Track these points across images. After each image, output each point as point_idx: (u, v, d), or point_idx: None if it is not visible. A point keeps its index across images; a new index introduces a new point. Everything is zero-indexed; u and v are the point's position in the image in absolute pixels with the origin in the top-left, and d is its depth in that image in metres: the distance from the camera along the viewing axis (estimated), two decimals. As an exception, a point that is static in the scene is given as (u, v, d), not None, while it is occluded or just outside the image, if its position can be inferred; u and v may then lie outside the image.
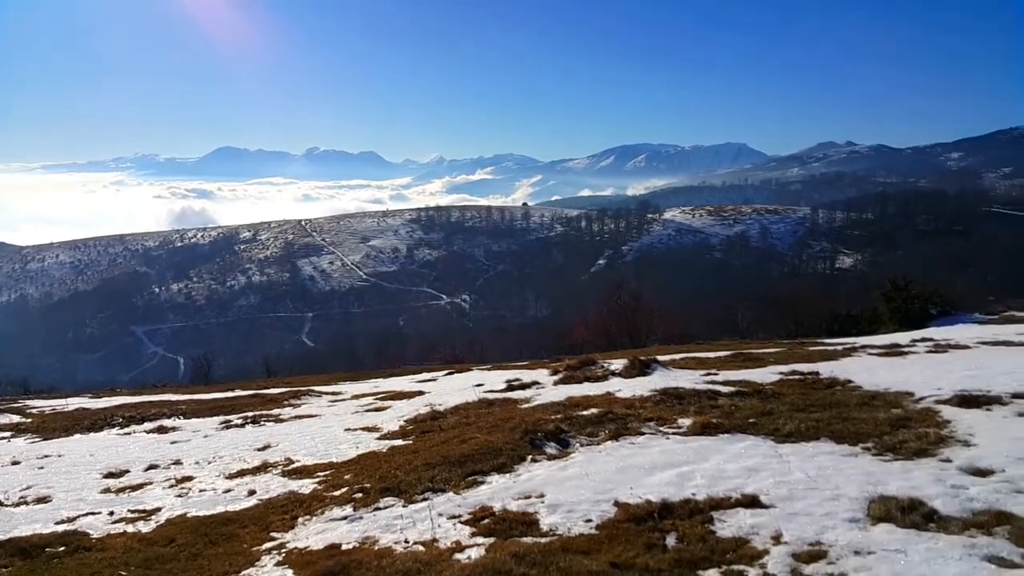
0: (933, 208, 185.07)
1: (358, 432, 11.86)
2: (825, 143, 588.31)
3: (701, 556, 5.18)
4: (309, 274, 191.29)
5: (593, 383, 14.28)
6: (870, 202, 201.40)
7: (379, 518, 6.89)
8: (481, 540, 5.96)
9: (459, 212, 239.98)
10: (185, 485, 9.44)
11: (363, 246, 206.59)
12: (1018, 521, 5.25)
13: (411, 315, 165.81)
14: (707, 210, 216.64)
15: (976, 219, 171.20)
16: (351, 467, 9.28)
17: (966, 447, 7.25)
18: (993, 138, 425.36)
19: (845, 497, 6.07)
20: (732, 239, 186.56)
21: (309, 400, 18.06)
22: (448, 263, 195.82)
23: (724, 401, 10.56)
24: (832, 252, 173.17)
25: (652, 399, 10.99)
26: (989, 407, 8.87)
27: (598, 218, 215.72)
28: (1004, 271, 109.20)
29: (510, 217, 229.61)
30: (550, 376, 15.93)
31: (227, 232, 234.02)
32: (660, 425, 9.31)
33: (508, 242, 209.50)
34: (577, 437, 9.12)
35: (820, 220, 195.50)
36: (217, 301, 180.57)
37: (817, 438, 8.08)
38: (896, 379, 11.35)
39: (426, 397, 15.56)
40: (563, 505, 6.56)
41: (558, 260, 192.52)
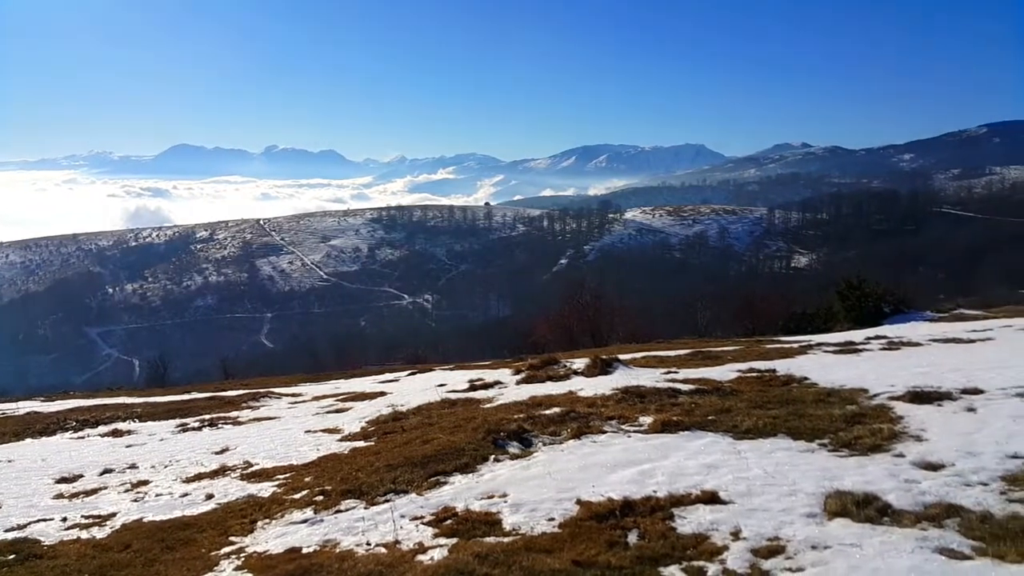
0: (885, 208, 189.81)
1: (319, 434, 11.74)
2: (781, 144, 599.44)
3: (662, 553, 5.23)
4: (268, 274, 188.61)
5: (555, 382, 14.33)
6: (825, 202, 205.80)
7: (340, 521, 6.83)
8: (444, 541, 5.94)
9: (421, 211, 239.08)
10: (141, 489, 9.25)
11: (324, 246, 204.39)
12: (967, 513, 5.42)
13: (373, 315, 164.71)
14: (667, 210, 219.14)
15: (927, 219, 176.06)
16: (311, 469, 9.18)
17: (918, 442, 7.44)
18: (943, 140, 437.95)
19: (802, 492, 6.19)
20: (691, 239, 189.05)
21: (268, 402, 17.82)
22: (410, 263, 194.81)
23: (684, 399, 10.68)
24: (788, 252, 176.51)
25: (614, 397, 11.07)
26: (940, 403, 9.11)
27: (560, 218, 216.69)
28: (953, 270, 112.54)
29: (472, 217, 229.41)
30: (513, 375, 15.94)
31: (183, 231, 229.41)
32: (622, 423, 9.38)
33: (470, 242, 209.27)
34: (540, 436, 9.14)
35: (776, 220, 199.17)
36: (173, 302, 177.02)
37: (774, 435, 8.22)
38: (851, 376, 11.60)
39: (388, 398, 15.47)
40: (526, 504, 6.58)
41: (520, 259, 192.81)
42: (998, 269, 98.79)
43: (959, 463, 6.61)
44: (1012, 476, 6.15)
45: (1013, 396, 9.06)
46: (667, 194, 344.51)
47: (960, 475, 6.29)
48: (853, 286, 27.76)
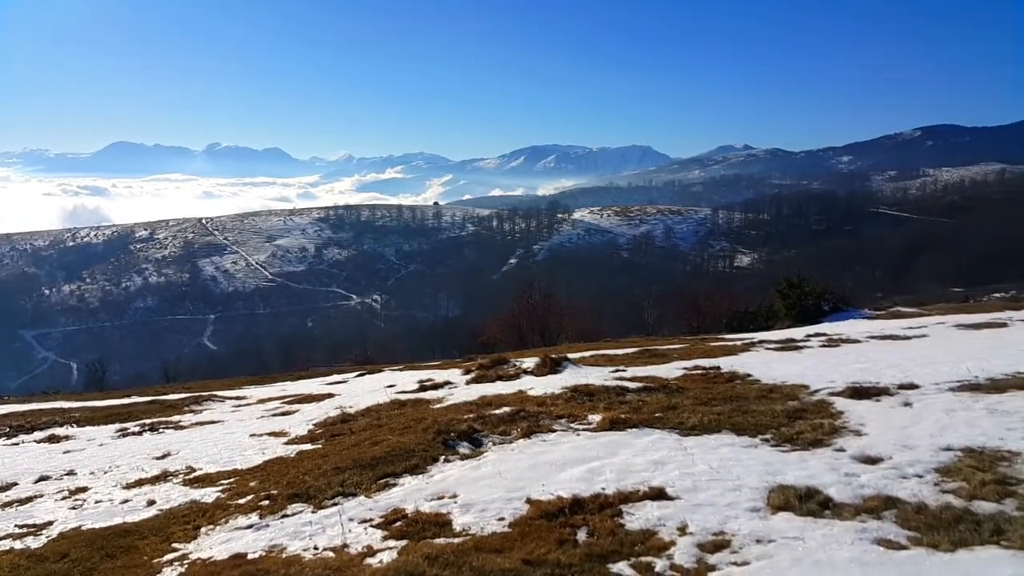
0: (825, 209, 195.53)
1: (264, 437, 11.52)
2: (724, 146, 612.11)
3: (611, 549, 5.28)
4: (211, 274, 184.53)
5: (505, 382, 14.36)
6: (766, 203, 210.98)
7: (287, 525, 6.71)
8: (393, 543, 5.89)
9: (369, 211, 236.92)
10: (79, 497, 8.93)
11: (269, 245, 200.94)
12: (904, 505, 5.60)
13: (320, 316, 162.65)
14: (614, 210, 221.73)
15: (864, 219, 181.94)
16: (257, 474, 9.00)
17: (858, 436, 7.67)
18: (879, 143, 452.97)
19: (746, 487, 6.31)
20: (638, 239, 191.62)
21: (211, 405, 17.42)
22: (358, 263, 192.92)
23: (632, 397, 10.81)
24: (731, 251, 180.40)
25: (563, 396, 11.13)
26: (878, 398, 9.40)
27: (509, 218, 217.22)
28: (889, 269, 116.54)
29: (421, 216, 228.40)
30: (463, 375, 15.92)
31: (122, 231, 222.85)
32: (571, 422, 9.43)
33: (420, 241, 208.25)
34: (490, 436, 9.14)
35: (720, 220, 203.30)
36: (112, 303, 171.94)
37: (719, 431, 8.37)
38: (792, 372, 11.90)
39: (336, 399, 15.28)
40: (476, 504, 6.56)
41: (470, 259, 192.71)
42: (931, 268, 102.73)
43: (896, 456, 6.83)
44: (945, 468, 6.38)
45: (946, 391, 9.41)
46: (615, 194, 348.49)
47: (897, 468, 6.50)
48: (793, 285, 28.47)
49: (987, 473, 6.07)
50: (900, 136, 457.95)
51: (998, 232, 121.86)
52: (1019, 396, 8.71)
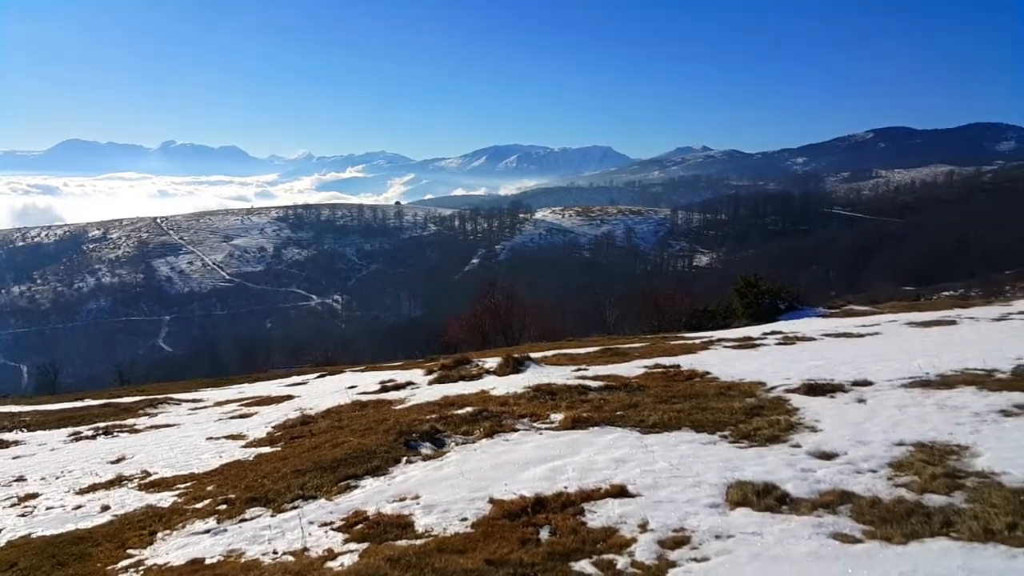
0: (780, 209, 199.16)
1: (221, 441, 11.33)
2: (683, 148, 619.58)
3: (573, 548, 5.30)
4: (166, 275, 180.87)
5: (468, 382, 14.34)
6: (724, 204, 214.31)
7: (245, 530, 6.61)
8: (355, 546, 5.84)
9: (330, 210, 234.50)
10: (29, 503, 8.67)
11: (226, 245, 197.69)
12: (858, 499, 5.73)
13: (279, 317, 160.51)
14: (576, 210, 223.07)
15: (819, 219, 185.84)
16: (214, 478, 8.84)
17: (813, 432, 7.82)
18: (833, 145, 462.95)
19: (706, 484, 6.40)
20: (599, 239, 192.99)
21: (167, 408, 17.08)
22: (318, 262, 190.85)
23: (594, 395, 10.87)
24: (690, 251, 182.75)
25: (526, 396, 11.15)
26: (833, 395, 9.61)
27: (471, 217, 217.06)
28: (843, 268, 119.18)
29: (383, 216, 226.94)
30: (425, 376, 15.86)
31: (74, 230, 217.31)
32: (534, 421, 9.46)
33: (381, 241, 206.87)
34: (452, 436, 9.11)
35: (679, 221, 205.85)
36: (64, 305, 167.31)
37: (679, 428, 8.47)
38: (750, 370, 12.09)
39: (296, 401, 15.10)
40: (439, 505, 6.54)
41: (432, 259, 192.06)
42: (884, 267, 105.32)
43: (851, 451, 6.98)
44: (898, 462, 6.54)
45: (898, 387, 9.64)
46: (576, 195, 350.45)
47: (852, 463, 6.65)
48: (751, 284, 28.93)
49: (937, 467, 6.24)
50: (853, 138, 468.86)
51: (947, 232, 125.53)
52: (967, 392, 8.96)
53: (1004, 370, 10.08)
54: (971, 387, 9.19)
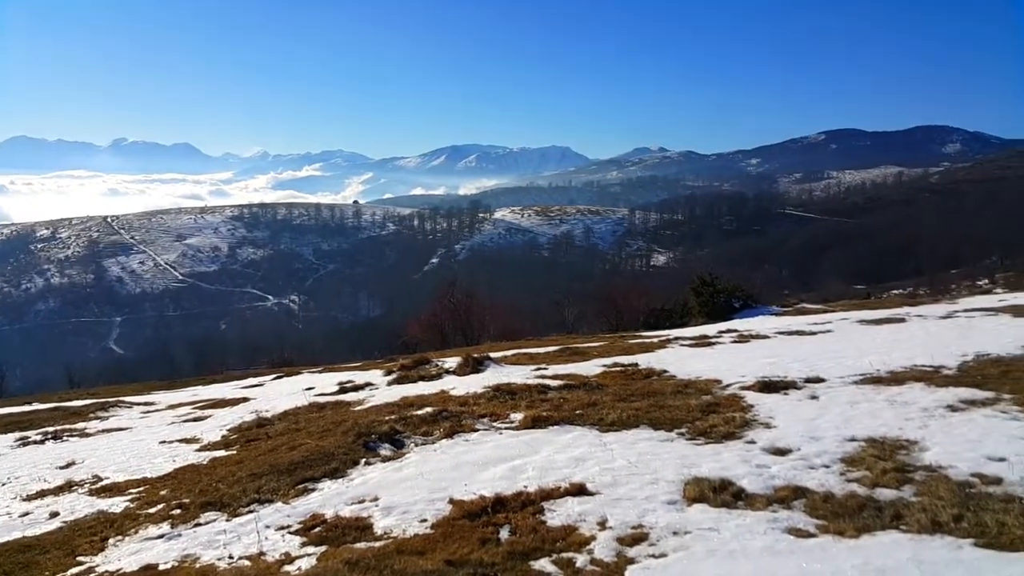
0: (735, 210, 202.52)
1: (175, 444, 11.08)
2: (640, 148, 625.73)
3: (533, 547, 5.31)
4: (117, 275, 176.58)
5: (428, 382, 14.28)
6: (680, 204, 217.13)
7: (200, 534, 6.48)
8: (312, 549, 5.77)
9: (286, 209, 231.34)
10: (-29, 513, 8.37)
11: (179, 244, 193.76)
12: (812, 494, 5.85)
13: (234, 317, 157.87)
14: (535, 210, 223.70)
15: (772, 219, 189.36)
16: (168, 482, 8.65)
17: (768, 429, 7.96)
18: (786, 146, 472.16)
19: (663, 481, 6.46)
20: (558, 238, 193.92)
21: (119, 412, 16.67)
22: (274, 262, 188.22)
23: (553, 394, 10.91)
24: (648, 250, 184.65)
25: (486, 395, 11.15)
26: (786, 391, 9.80)
27: (431, 217, 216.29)
28: (796, 267, 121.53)
29: (341, 215, 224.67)
30: (384, 376, 15.73)
31: (22, 230, 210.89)
32: (493, 421, 9.46)
33: (339, 241, 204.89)
34: (412, 437, 9.06)
35: (637, 221, 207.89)
36: (11, 306, 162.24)
37: (637, 426, 8.55)
38: (706, 368, 12.27)
39: (252, 404, 14.85)
40: (398, 507, 6.49)
41: (391, 259, 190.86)
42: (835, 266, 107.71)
43: (804, 447, 7.12)
44: (850, 458, 6.70)
45: (850, 384, 9.88)
46: (535, 194, 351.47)
47: (805, 459, 6.79)
48: (706, 283, 29.33)
49: (888, 462, 6.40)
50: (805, 140, 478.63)
51: (896, 232, 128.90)
52: (916, 388, 9.22)
53: (951, 366, 10.40)
54: (920, 383, 9.45)
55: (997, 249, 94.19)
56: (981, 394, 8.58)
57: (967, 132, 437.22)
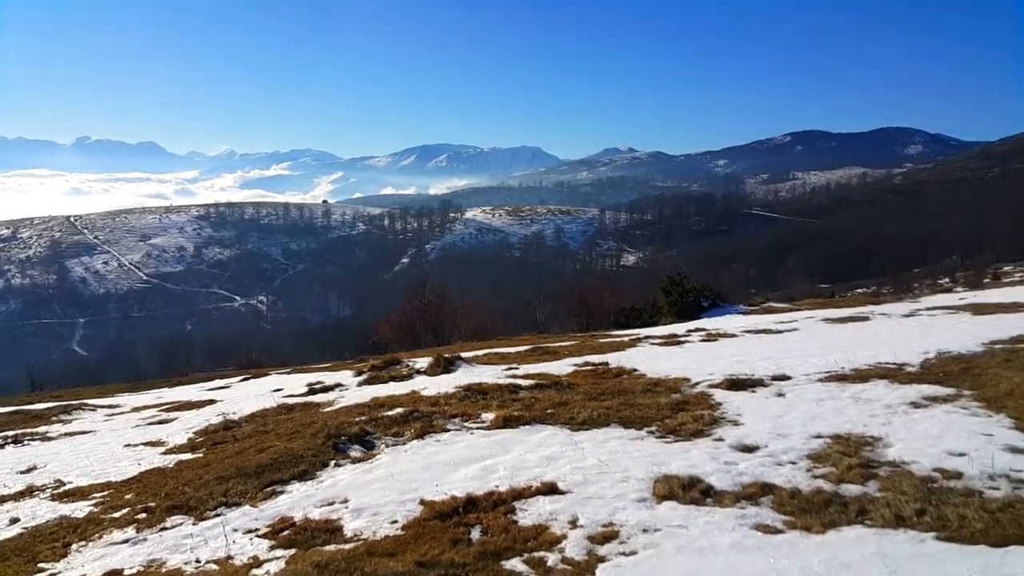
0: (703, 210, 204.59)
1: (140, 447, 10.89)
2: (610, 149, 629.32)
3: (504, 547, 5.31)
4: (80, 276, 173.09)
5: (398, 382, 14.21)
6: (650, 204, 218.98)
7: (166, 538, 6.37)
8: (281, 552, 5.71)
9: (253, 209, 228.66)
10: (-73, 520, 8.14)
11: (144, 244, 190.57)
12: (779, 491, 5.93)
13: (201, 318, 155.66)
14: (506, 210, 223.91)
15: (739, 220, 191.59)
16: (133, 486, 8.50)
17: (736, 426, 8.05)
18: (752, 147, 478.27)
19: (633, 479, 6.50)
20: (529, 238, 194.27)
21: (82, 415, 16.34)
22: (242, 262, 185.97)
23: (524, 394, 10.92)
24: (618, 250, 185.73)
25: (457, 395, 11.12)
26: (754, 389, 9.92)
27: (401, 217, 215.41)
28: (763, 267, 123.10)
29: (310, 214, 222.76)
30: (354, 377, 15.63)
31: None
32: (465, 421, 9.44)
33: (308, 240, 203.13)
34: (383, 438, 9.01)
35: (607, 221, 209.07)
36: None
37: (608, 425, 8.59)
38: (675, 366, 12.37)
39: (218, 406, 14.65)
40: (368, 508, 6.45)
41: (361, 259, 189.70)
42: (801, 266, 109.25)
43: (771, 444, 7.22)
44: (816, 454, 6.80)
45: (815, 381, 10.03)
46: (506, 194, 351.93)
47: (772, 456, 6.88)
48: (675, 282, 29.60)
49: (853, 458, 6.51)
50: (772, 141, 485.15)
51: (860, 232, 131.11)
52: (880, 385, 9.39)
53: (914, 364, 10.61)
54: (884, 380, 9.63)
55: (958, 249, 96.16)
56: (943, 391, 8.77)
57: (928, 134, 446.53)
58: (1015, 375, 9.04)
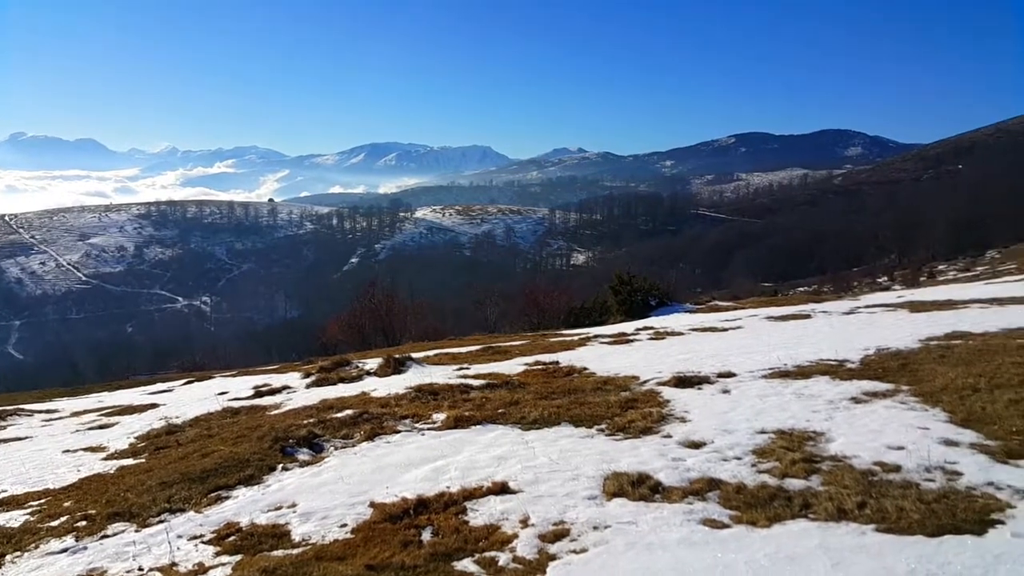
0: (651, 210, 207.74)
1: (80, 453, 10.54)
2: (560, 149, 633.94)
3: (456, 547, 5.29)
4: (16, 276, 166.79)
5: (348, 384, 14.05)
6: (599, 204, 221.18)
7: (107, 546, 6.18)
8: (227, 559, 5.58)
9: (197, 207, 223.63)
10: None
11: (82, 244, 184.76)
12: (726, 486, 6.03)
13: (142, 320, 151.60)
14: (456, 209, 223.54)
15: (686, 220, 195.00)
16: (72, 493, 8.22)
17: (683, 423, 8.17)
18: (698, 149, 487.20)
19: (584, 476, 6.55)
20: (480, 237, 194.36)
21: (17, 420, 15.73)
22: (185, 262, 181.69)
23: (476, 394, 10.91)
24: (568, 250, 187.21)
25: (407, 396, 11.05)
26: (701, 386, 10.08)
27: (350, 216, 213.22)
28: (708, 266, 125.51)
29: (255, 213, 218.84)
30: (302, 379, 15.40)
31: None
32: (416, 422, 9.38)
33: (254, 240, 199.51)
34: (332, 440, 8.89)
35: (557, 220, 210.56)
36: None
37: (559, 423, 8.63)
38: (624, 364, 12.51)
39: (161, 410, 14.28)
40: (317, 512, 6.36)
41: (309, 258, 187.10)
42: (745, 265, 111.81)
43: (717, 440, 7.34)
44: (760, 449, 6.94)
45: (759, 378, 10.25)
46: (456, 193, 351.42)
47: (719, 451, 7.00)
48: (624, 282, 29.93)
49: (796, 452, 6.67)
50: (716, 143, 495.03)
51: (802, 232, 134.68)
52: (822, 381, 9.64)
53: (854, 360, 10.91)
54: (825, 377, 9.89)
55: (895, 248, 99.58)
56: (882, 386, 9.03)
57: (868, 136, 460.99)
58: (949, 370, 9.36)
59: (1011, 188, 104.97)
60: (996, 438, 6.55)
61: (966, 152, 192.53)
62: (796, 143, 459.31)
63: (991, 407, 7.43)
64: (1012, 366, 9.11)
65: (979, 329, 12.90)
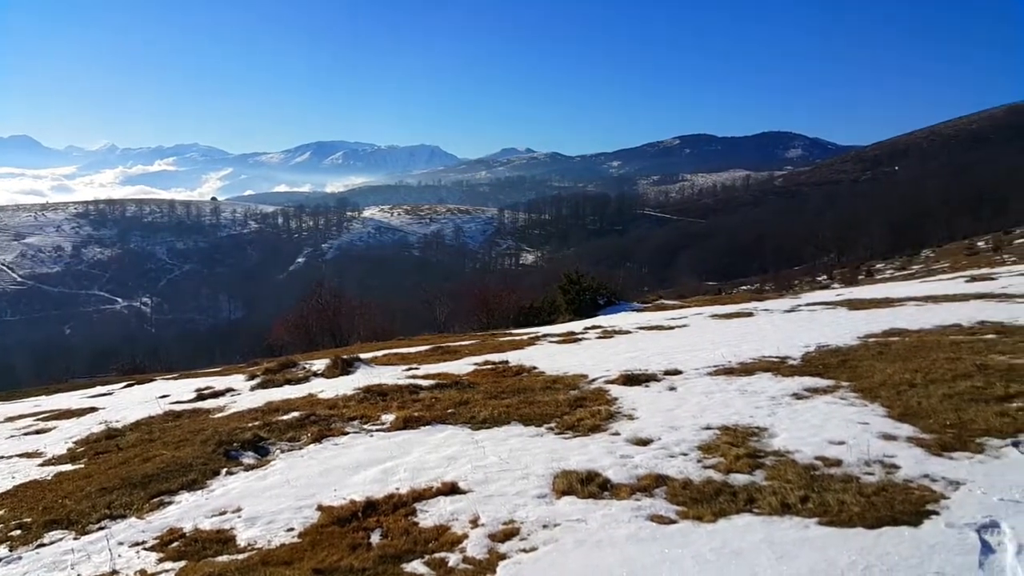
0: (599, 210, 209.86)
1: (14, 460, 10.15)
2: (508, 149, 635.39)
3: (405, 549, 5.26)
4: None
5: (294, 385, 13.83)
6: (547, 204, 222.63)
7: (44, 555, 5.97)
8: (170, 565, 5.45)
9: (136, 206, 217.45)
10: None
11: (17, 244, 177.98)
12: (673, 482, 6.13)
13: (80, 321, 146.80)
14: (405, 209, 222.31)
15: (633, 220, 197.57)
16: (7, 500, 7.91)
17: (631, 421, 8.27)
18: (644, 150, 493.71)
19: (534, 475, 6.57)
20: (429, 237, 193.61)
21: (-58, 429, 15.05)
22: (124, 262, 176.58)
23: (425, 394, 10.85)
24: (517, 249, 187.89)
25: (356, 397, 10.93)
26: (648, 384, 10.22)
27: (296, 215, 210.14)
28: (655, 265, 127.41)
29: (197, 212, 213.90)
30: (247, 381, 15.10)
31: None
32: (364, 423, 9.29)
33: (196, 239, 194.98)
34: (278, 443, 8.74)
35: (506, 220, 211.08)
36: None
37: (508, 423, 8.65)
38: (573, 363, 12.60)
39: (100, 414, 13.84)
40: (263, 516, 6.25)
41: (253, 258, 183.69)
42: (690, 264, 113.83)
43: (664, 437, 7.45)
44: (706, 445, 7.07)
45: (704, 375, 10.44)
46: (405, 193, 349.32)
47: (666, 448, 7.10)
48: (573, 281, 30.15)
49: (741, 448, 6.80)
50: (662, 144, 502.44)
51: (744, 231, 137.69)
52: (765, 378, 9.87)
53: (795, 357, 11.20)
54: (768, 373, 10.13)
55: (835, 247, 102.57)
56: (823, 382, 9.29)
57: (808, 138, 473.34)
58: (887, 366, 9.67)
59: (944, 189, 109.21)
60: (931, 431, 6.79)
61: (902, 154, 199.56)
62: (739, 144, 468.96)
63: (926, 402, 7.71)
64: (946, 362, 9.47)
65: (915, 326, 13.37)
